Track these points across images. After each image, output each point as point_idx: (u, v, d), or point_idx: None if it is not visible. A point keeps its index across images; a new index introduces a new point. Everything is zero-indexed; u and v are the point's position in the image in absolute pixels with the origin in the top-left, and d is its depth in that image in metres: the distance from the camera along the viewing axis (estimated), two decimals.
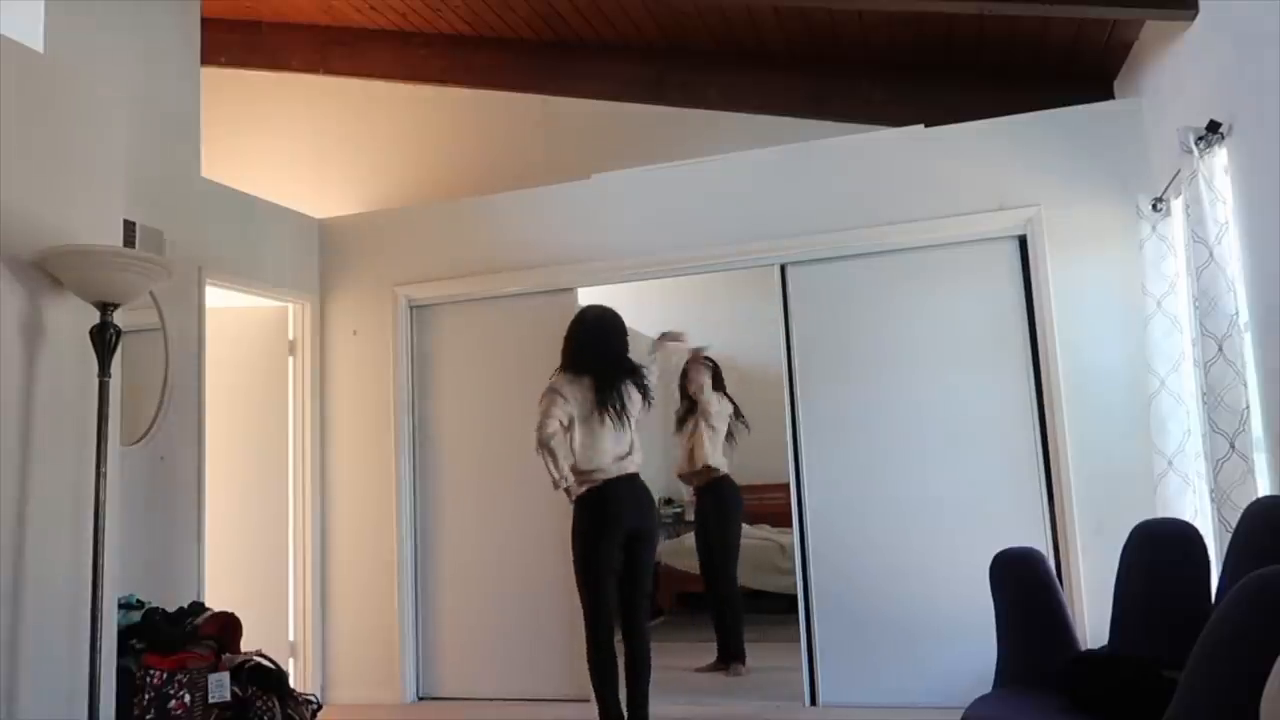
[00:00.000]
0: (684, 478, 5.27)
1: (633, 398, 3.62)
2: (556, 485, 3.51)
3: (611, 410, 3.53)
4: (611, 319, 3.70)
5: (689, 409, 5.15)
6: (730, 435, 5.10)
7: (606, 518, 3.48)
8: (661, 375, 4.00)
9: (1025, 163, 4.04)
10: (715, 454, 5.01)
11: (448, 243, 4.86)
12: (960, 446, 4.04)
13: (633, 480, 3.55)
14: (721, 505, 5.02)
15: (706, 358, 5.19)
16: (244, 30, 5.59)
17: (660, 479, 5.63)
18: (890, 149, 4.28)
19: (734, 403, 5.18)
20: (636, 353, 3.74)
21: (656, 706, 3.56)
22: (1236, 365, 2.90)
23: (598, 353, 3.61)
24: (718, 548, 4.97)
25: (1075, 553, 3.79)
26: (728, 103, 4.98)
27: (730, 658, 4.82)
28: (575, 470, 3.52)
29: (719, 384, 5.17)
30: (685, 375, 5.17)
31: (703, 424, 5.04)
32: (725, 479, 5.03)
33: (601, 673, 3.46)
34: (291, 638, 4.68)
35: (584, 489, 3.52)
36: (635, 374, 3.66)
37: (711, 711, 4.20)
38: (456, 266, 4.82)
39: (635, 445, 3.61)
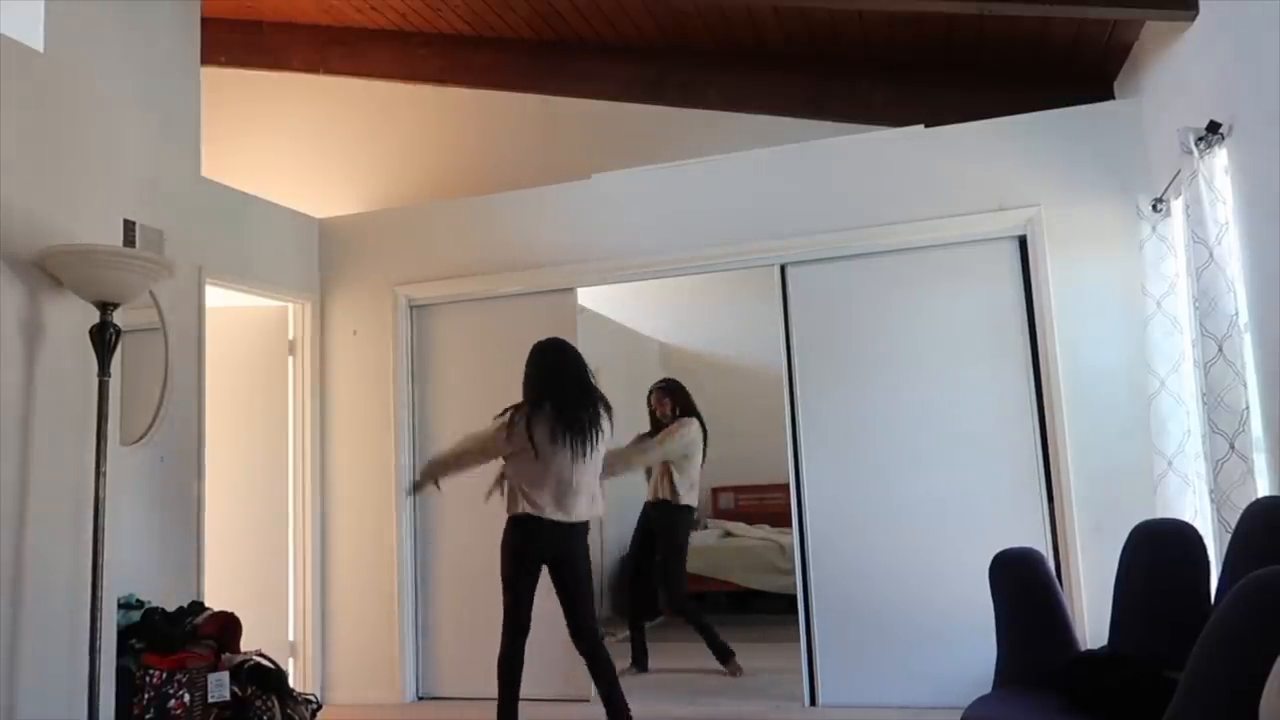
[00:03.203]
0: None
1: (601, 430, 3.55)
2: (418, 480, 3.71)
3: (576, 443, 3.47)
4: (569, 350, 3.66)
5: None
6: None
7: (526, 552, 3.51)
8: None
9: (1025, 163, 4.04)
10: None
11: (448, 243, 4.86)
12: (960, 447, 4.04)
13: (572, 529, 3.52)
14: (674, 528, 4.99)
15: (668, 380, 5.15)
16: (244, 30, 5.59)
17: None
18: (890, 149, 4.27)
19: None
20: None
21: (657, 706, 3.56)
22: (1236, 366, 2.90)
23: (563, 381, 3.56)
24: (668, 564, 4.96)
25: (1075, 553, 3.79)
26: (728, 103, 4.97)
27: (717, 657, 4.80)
28: (523, 496, 3.51)
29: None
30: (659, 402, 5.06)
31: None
32: (687, 506, 5.01)
33: (502, 672, 3.55)
34: (291, 638, 4.68)
35: (522, 511, 3.52)
36: (600, 403, 3.59)
37: (711, 711, 4.20)
38: (456, 266, 4.82)
39: (595, 493, 3.56)
